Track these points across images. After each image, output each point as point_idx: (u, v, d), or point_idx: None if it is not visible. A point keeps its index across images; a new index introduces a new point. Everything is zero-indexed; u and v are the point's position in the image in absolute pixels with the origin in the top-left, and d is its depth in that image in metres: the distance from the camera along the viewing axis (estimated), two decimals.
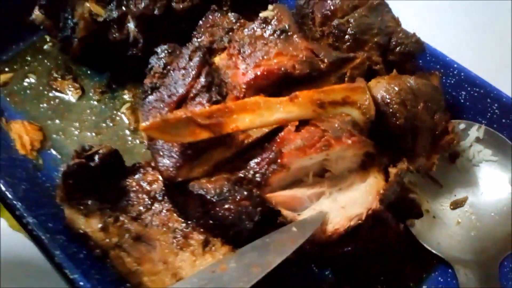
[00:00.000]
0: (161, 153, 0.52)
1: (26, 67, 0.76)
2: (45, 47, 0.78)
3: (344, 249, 0.52)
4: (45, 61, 0.77)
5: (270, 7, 0.59)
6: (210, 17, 0.65)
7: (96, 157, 0.56)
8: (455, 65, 0.66)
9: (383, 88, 0.54)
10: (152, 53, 0.63)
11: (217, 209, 0.50)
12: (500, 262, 0.57)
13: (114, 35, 0.68)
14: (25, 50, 0.78)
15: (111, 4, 0.68)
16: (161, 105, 0.55)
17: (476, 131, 0.64)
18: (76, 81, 0.74)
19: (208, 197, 0.50)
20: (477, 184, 0.63)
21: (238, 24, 0.63)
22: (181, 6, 0.67)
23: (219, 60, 0.59)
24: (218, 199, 0.50)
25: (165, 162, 0.51)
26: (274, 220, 0.50)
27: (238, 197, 0.50)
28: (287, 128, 0.51)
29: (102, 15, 0.68)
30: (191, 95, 0.54)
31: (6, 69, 0.75)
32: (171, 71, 0.57)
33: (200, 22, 0.66)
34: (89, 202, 0.55)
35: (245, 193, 0.50)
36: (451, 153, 0.63)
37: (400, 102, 0.53)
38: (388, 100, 0.53)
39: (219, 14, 0.66)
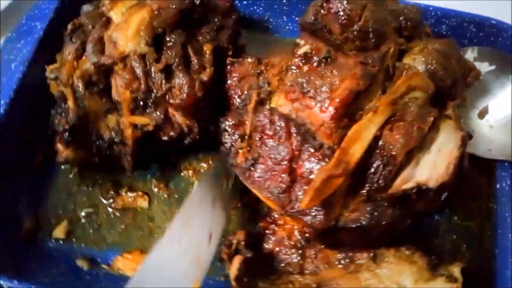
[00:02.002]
0: (305, 212, 0.56)
1: (71, 207, 0.71)
2: (70, 176, 0.73)
3: None
4: (84, 189, 0.72)
5: (299, 41, 0.63)
6: (235, 72, 0.66)
7: (242, 246, 0.59)
8: (431, 8, 0.77)
9: (422, 63, 0.62)
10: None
11: (374, 229, 0.57)
12: None
13: (170, 134, 0.66)
14: (56, 191, 0.72)
15: (148, 109, 0.66)
16: (275, 174, 0.58)
17: (471, 53, 0.76)
18: (133, 190, 0.72)
19: (364, 224, 0.57)
20: (489, 92, 0.76)
21: (263, 65, 0.66)
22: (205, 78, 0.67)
23: (280, 107, 0.62)
24: (371, 222, 0.57)
25: (315, 218, 0.55)
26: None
27: (384, 210, 0.57)
28: (384, 134, 0.58)
29: (150, 123, 0.65)
30: (296, 153, 0.58)
31: (52, 221, 0.69)
32: (262, 140, 0.60)
33: (229, 81, 0.67)
34: (260, 284, 0.59)
35: (386, 203, 0.58)
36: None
37: (442, 67, 0.62)
38: (433, 69, 0.61)
39: (237, 64, 0.68)
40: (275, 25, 0.85)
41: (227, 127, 0.63)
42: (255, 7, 0.84)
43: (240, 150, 0.62)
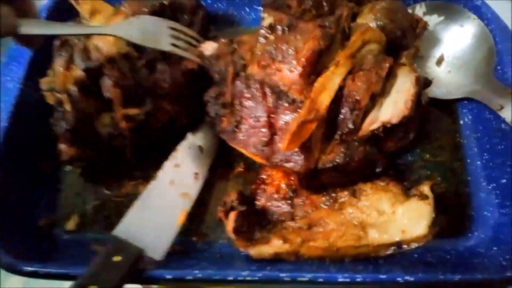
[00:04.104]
0: (287, 159, 0.63)
1: (80, 203, 0.77)
2: (76, 177, 0.80)
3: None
4: (90, 185, 0.78)
5: (263, 14, 0.70)
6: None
7: (236, 204, 0.65)
8: None
9: (372, 20, 0.70)
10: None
11: (349, 166, 0.63)
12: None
13: (160, 119, 0.73)
14: (65, 191, 0.79)
15: (138, 101, 0.72)
16: (256, 131, 0.65)
17: (420, 8, 0.83)
18: (133, 178, 0.78)
19: (339, 162, 0.63)
20: (442, 41, 0.83)
21: (235, 44, 0.73)
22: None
23: (254, 75, 0.69)
24: (346, 160, 0.63)
25: (296, 163, 0.62)
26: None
27: (355, 148, 0.63)
28: (347, 84, 0.65)
29: (140, 112, 0.72)
30: (272, 109, 0.65)
31: (65, 216, 0.76)
32: (241, 104, 0.66)
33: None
34: (256, 234, 0.65)
35: (356, 144, 0.64)
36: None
37: (390, 21, 0.70)
38: (382, 24, 0.70)
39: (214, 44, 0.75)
40: (239, 17, 0.92)
41: (209, 98, 0.69)
42: (219, 3, 0.91)
43: (223, 118, 0.68)
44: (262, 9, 0.70)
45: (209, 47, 0.74)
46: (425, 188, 0.61)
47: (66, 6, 0.83)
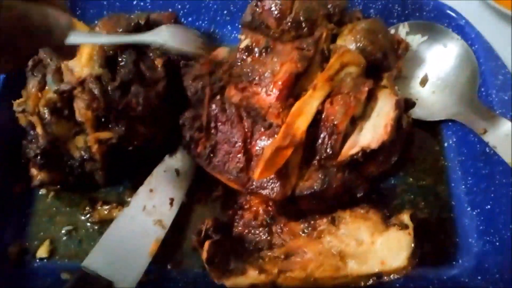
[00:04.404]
0: (263, 186, 0.60)
1: (52, 228, 0.74)
2: (48, 200, 0.77)
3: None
4: (63, 209, 0.75)
5: (240, 36, 0.68)
6: (188, 73, 0.71)
7: (211, 232, 0.62)
8: None
9: (352, 41, 0.68)
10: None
11: (327, 193, 0.60)
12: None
13: (134, 143, 0.70)
14: (37, 215, 0.75)
15: (111, 124, 0.69)
16: (232, 156, 0.62)
17: (403, 28, 0.81)
18: (107, 203, 0.75)
19: (316, 189, 0.60)
20: (425, 60, 0.81)
21: (213, 65, 0.71)
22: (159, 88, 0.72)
23: (231, 98, 0.67)
24: (324, 187, 0.60)
25: (272, 190, 0.59)
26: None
27: (334, 174, 0.61)
28: (325, 107, 0.62)
29: (113, 136, 0.69)
30: (249, 134, 0.62)
31: (36, 242, 0.72)
32: (216, 128, 0.64)
33: (184, 82, 0.71)
34: (232, 264, 0.62)
35: (335, 169, 0.61)
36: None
37: (370, 43, 0.67)
38: (362, 46, 0.67)
39: (189, 67, 0.73)
40: (221, 35, 0.89)
41: (185, 122, 0.67)
42: (200, 22, 0.88)
43: (199, 142, 0.66)
44: (239, 35, 0.69)
45: (221, 52, 0.73)
46: (405, 217, 0.59)
47: None
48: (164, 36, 0.62)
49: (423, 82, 0.81)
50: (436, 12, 0.80)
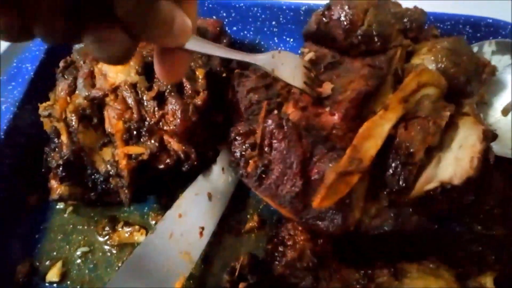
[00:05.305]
0: (321, 217, 0.51)
1: (66, 247, 0.66)
2: (65, 215, 0.69)
3: None
4: (80, 227, 0.67)
5: (303, 49, 0.60)
6: (243, 84, 0.63)
7: (246, 271, 0.53)
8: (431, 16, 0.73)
9: (431, 61, 0.59)
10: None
11: (398, 236, 0.51)
12: None
13: (166, 162, 0.62)
14: (51, 231, 0.67)
15: (142, 138, 0.62)
16: (286, 179, 0.53)
17: (488, 47, 0.71)
18: (129, 224, 0.66)
19: (387, 229, 0.51)
20: (510, 86, 0.69)
21: (270, 78, 0.63)
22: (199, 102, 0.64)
23: (290, 115, 0.58)
24: (395, 228, 0.51)
25: (332, 222, 0.50)
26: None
27: (408, 215, 0.51)
28: (398, 132, 0.53)
29: (144, 152, 0.61)
30: (308, 155, 0.53)
31: (47, 263, 0.64)
32: (271, 146, 0.55)
33: (238, 93, 0.64)
34: None
35: (410, 209, 0.52)
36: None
37: (453, 64, 0.58)
38: (443, 67, 0.58)
39: (245, 77, 0.65)
40: (266, 47, 0.82)
41: (237, 137, 0.58)
42: (245, 32, 0.81)
43: (250, 160, 0.57)
44: (302, 48, 0.60)
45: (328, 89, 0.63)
46: (488, 280, 0.48)
47: None
48: (274, 64, 0.54)
49: (506, 111, 0.70)
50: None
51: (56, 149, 0.65)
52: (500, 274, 0.59)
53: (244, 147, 0.57)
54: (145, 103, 0.63)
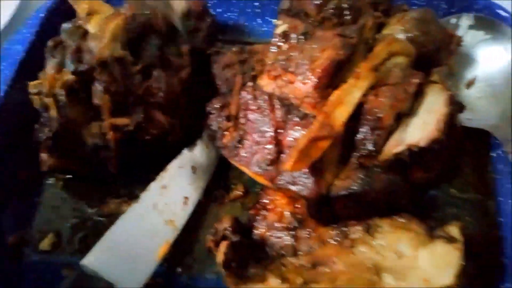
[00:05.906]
0: (294, 182, 0.53)
1: (57, 220, 0.67)
2: (56, 190, 0.71)
3: None
4: (70, 200, 0.69)
5: (277, 21, 0.62)
6: (219, 61, 0.65)
7: (229, 232, 0.55)
8: None
9: (401, 31, 0.60)
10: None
11: (367, 196, 0.53)
12: None
13: (152, 132, 0.64)
14: (42, 206, 0.69)
15: (129, 109, 0.64)
16: (261, 147, 0.56)
17: (466, 20, 0.73)
18: (118, 196, 0.68)
19: (356, 190, 0.53)
20: (478, 61, 0.73)
21: (246, 53, 0.65)
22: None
23: (263, 87, 0.60)
24: (364, 188, 0.53)
25: (304, 186, 0.52)
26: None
27: (377, 175, 0.53)
28: (368, 99, 0.55)
29: (130, 123, 0.63)
30: (281, 124, 0.55)
31: (38, 235, 0.66)
32: (246, 117, 0.57)
33: (214, 69, 0.66)
34: (250, 270, 0.54)
35: (378, 170, 0.53)
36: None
37: (421, 33, 0.60)
38: (413, 36, 0.60)
39: (221, 54, 0.67)
40: (250, 28, 0.84)
41: (212, 110, 0.60)
42: (229, 13, 0.83)
43: (226, 132, 0.59)
44: (275, 20, 0.62)
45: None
46: (454, 230, 0.51)
47: (66, 6, 0.77)
48: None
49: (469, 84, 0.73)
50: (486, 12, 0.73)
51: (46, 124, 0.66)
52: (474, 233, 0.62)
53: (219, 119, 0.60)
54: (131, 76, 0.65)
